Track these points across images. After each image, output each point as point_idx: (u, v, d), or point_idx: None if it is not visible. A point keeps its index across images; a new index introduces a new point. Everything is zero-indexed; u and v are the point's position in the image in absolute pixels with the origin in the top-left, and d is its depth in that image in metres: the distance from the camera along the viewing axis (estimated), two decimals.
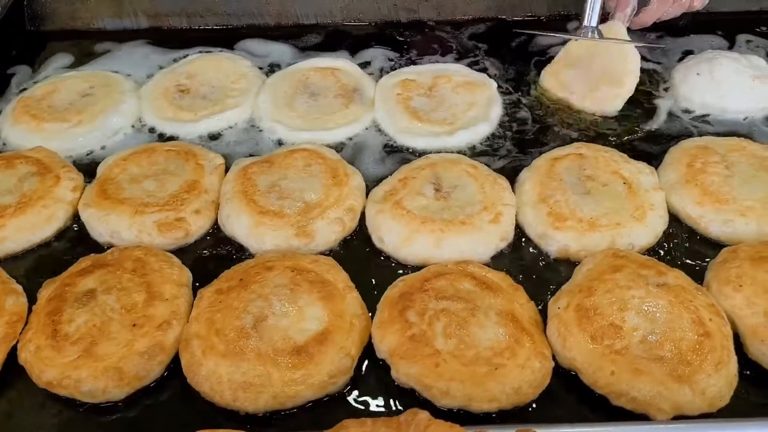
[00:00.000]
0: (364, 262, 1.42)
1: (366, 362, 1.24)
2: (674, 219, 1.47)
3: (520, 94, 1.84)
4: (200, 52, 1.99)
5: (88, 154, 1.69)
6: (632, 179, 1.48)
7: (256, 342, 1.17)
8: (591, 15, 1.70)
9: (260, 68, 1.94)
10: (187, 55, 1.99)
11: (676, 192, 1.47)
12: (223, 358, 1.15)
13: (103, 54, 2.02)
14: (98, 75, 1.87)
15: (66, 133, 1.69)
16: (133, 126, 1.76)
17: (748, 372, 1.19)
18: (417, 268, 1.37)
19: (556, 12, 2.08)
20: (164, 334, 1.21)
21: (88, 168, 1.63)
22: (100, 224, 1.44)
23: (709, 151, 1.52)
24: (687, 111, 1.76)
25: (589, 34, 1.70)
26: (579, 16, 1.74)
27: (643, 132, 1.71)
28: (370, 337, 1.24)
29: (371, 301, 1.30)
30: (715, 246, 1.41)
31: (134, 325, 1.21)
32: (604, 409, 1.15)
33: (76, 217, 1.51)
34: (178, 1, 2.07)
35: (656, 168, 1.55)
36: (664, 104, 1.77)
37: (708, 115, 1.74)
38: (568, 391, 1.20)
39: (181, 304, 1.26)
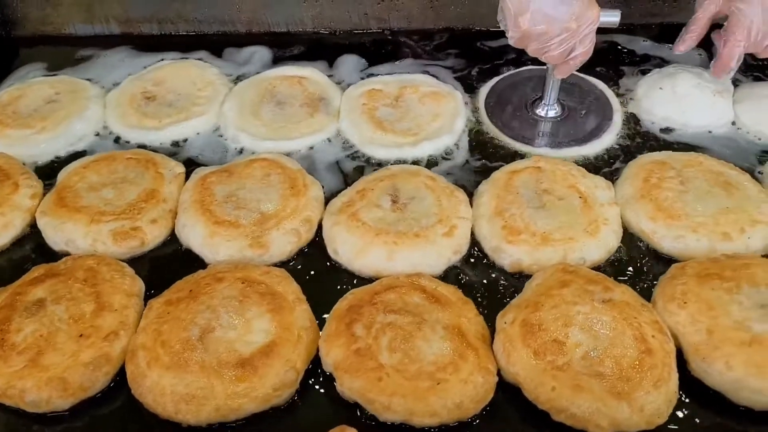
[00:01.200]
0: (319, 274, 1.43)
1: (315, 374, 1.25)
2: (629, 234, 1.48)
3: None
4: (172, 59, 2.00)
5: (51, 161, 1.69)
6: (588, 193, 1.49)
7: (201, 354, 1.17)
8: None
9: (228, 75, 1.94)
10: (163, 59, 1.99)
11: (631, 207, 1.48)
12: (167, 370, 1.16)
13: (78, 60, 2.02)
14: (65, 81, 1.88)
15: (29, 140, 1.69)
16: (98, 133, 1.76)
17: (690, 389, 1.20)
18: (371, 280, 1.38)
19: None
20: (111, 345, 1.21)
21: (50, 175, 1.63)
22: (55, 233, 1.44)
23: (665, 166, 1.53)
24: (652, 123, 1.77)
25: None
26: None
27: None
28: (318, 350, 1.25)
29: (325, 314, 1.30)
30: (668, 262, 1.41)
31: (81, 335, 1.21)
32: (546, 424, 1.16)
33: (34, 225, 1.51)
34: (149, 7, 2.07)
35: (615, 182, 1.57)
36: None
37: (671, 129, 1.75)
38: (512, 405, 1.20)
39: (130, 314, 1.27)
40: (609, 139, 1.72)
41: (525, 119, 1.78)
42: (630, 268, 1.42)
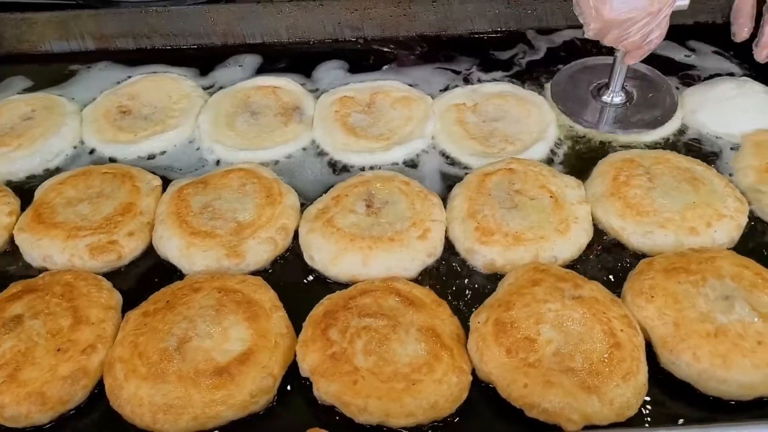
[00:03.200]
0: (296, 281, 1.45)
1: (293, 380, 1.26)
2: (600, 231, 1.51)
3: None
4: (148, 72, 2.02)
5: (28, 178, 1.70)
6: (558, 193, 1.51)
7: (178, 364, 1.19)
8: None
9: (207, 88, 1.96)
10: (139, 73, 2.00)
11: (601, 205, 1.50)
12: (144, 380, 1.17)
13: (54, 77, 2.03)
14: (40, 98, 1.88)
15: (6, 157, 1.70)
16: (74, 148, 1.77)
17: (661, 381, 1.22)
18: (348, 285, 1.39)
19: (498, 29, 2.12)
20: (88, 358, 1.22)
21: (27, 192, 1.64)
22: (33, 249, 1.45)
23: (633, 163, 1.56)
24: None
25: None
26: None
27: None
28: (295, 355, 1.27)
29: (302, 320, 1.32)
30: (637, 257, 1.44)
31: (59, 349, 1.22)
32: (521, 421, 1.18)
33: (12, 242, 1.52)
34: (123, 23, 2.09)
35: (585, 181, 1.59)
36: None
37: None
38: (488, 403, 1.22)
39: (108, 327, 1.28)
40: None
41: (591, 106, 1.82)
42: (600, 265, 1.45)
